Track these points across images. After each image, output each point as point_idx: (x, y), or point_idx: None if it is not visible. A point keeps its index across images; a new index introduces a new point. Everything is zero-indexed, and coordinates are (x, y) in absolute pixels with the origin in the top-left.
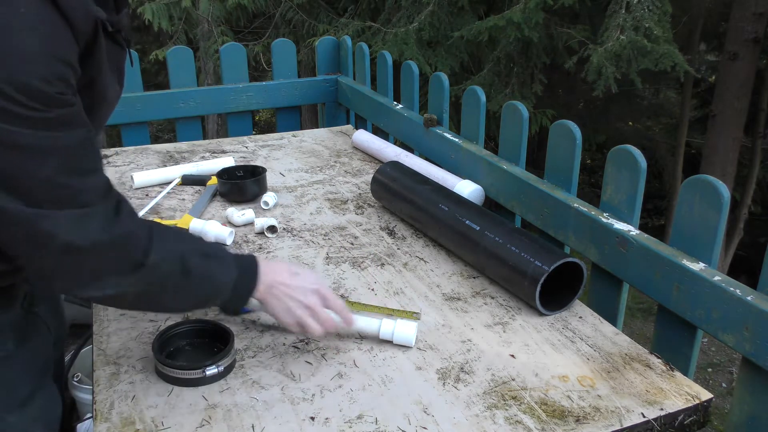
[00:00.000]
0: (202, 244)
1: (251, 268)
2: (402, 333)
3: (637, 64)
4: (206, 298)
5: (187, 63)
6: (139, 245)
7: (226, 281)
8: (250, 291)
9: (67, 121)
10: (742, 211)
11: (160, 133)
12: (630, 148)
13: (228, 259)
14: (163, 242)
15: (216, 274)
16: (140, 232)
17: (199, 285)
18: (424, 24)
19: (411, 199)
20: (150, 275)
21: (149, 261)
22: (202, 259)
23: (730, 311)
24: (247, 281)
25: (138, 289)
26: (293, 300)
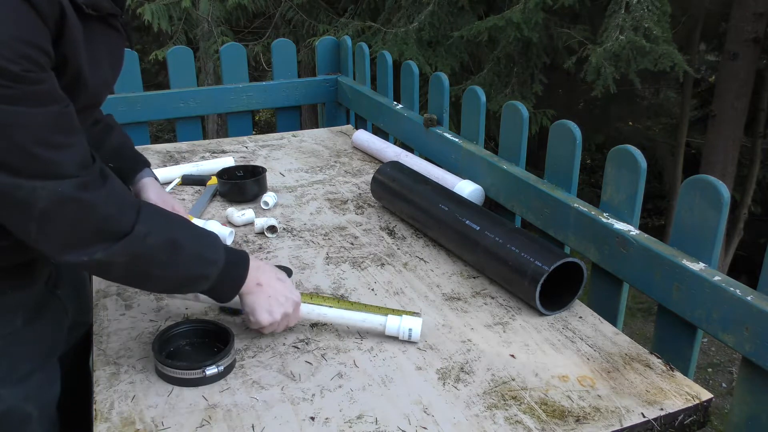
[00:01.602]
0: (193, 225)
1: (242, 258)
2: (409, 327)
3: (636, 64)
4: (194, 277)
5: (187, 63)
6: (124, 214)
7: (214, 261)
8: (239, 279)
9: (35, 97)
10: (742, 211)
11: (160, 133)
12: (630, 148)
13: (218, 243)
14: (152, 216)
15: (205, 253)
16: (126, 204)
17: (188, 261)
18: (424, 24)
19: (411, 199)
20: (136, 245)
21: (135, 231)
22: (192, 237)
23: (730, 311)
24: (237, 269)
25: (125, 258)
26: (277, 303)
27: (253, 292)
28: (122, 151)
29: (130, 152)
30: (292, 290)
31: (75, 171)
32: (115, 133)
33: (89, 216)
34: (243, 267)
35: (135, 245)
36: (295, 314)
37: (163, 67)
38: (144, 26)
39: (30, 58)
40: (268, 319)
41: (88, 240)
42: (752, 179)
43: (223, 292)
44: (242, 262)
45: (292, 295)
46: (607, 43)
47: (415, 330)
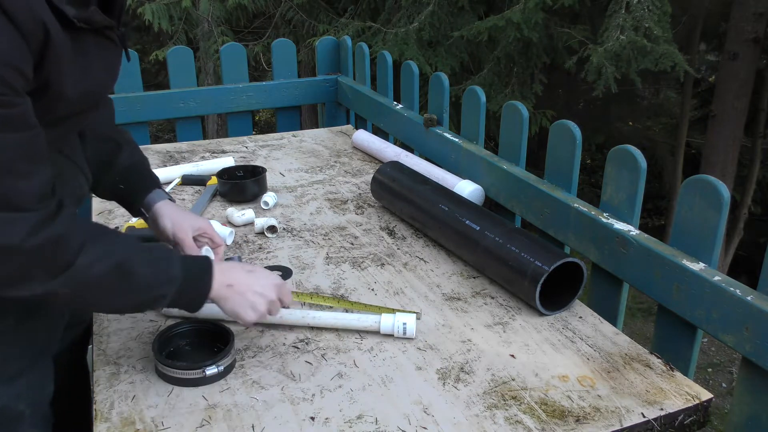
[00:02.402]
0: (145, 246)
1: (203, 268)
2: (403, 322)
3: (637, 64)
4: (149, 299)
5: (187, 63)
6: (68, 248)
7: (170, 279)
8: (203, 289)
9: (6, 121)
10: (742, 211)
11: (160, 133)
12: (630, 148)
13: (172, 260)
14: (98, 244)
15: (159, 275)
16: (72, 236)
17: (140, 285)
18: (424, 24)
19: (411, 199)
20: (79, 277)
21: (78, 263)
22: (144, 259)
23: (730, 311)
24: (199, 281)
25: (68, 289)
26: (256, 295)
27: (226, 296)
28: (131, 173)
29: (139, 173)
30: (267, 275)
31: (33, 204)
32: (125, 153)
33: (36, 252)
34: (205, 276)
35: (77, 278)
36: (283, 293)
37: (163, 67)
38: (144, 26)
39: (5, 82)
40: (254, 315)
41: (30, 275)
42: (752, 179)
43: (188, 305)
44: (204, 272)
45: (269, 280)
46: (607, 42)
47: (409, 325)
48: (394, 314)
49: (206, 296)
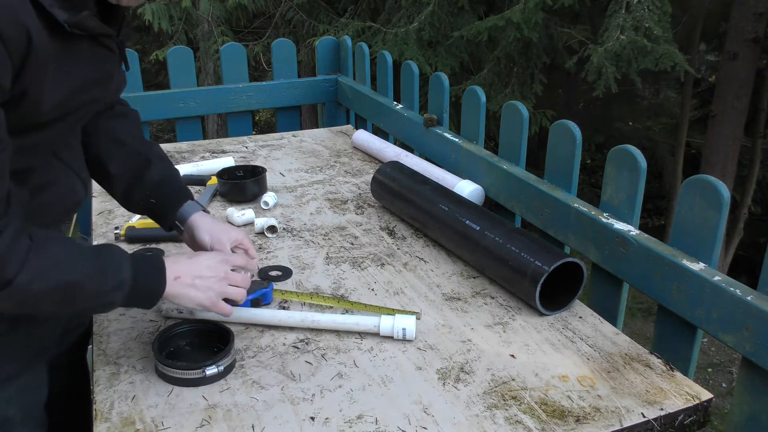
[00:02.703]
0: (92, 251)
1: (155, 267)
2: (402, 327)
3: (637, 64)
4: (97, 307)
5: (187, 63)
6: (7, 267)
7: (118, 285)
8: (155, 291)
9: None
10: (742, 211)
11: (160, 133)
12: (630, 148)
13: (122, 265)
14: (40, 259)
15: (106, 284)
16: (12, 253)
17: (86, 297)
18: (424, 24)
19: (411, 199)
20: (18, 294)
21: (17, 280)
22: (90, 270)
23: (730, 311)
24: (148, 282)
25: (10, 305)
26: (205, 280)
27: (177, 292)
28: (163, 186)
29: (171, 187)
30: (210, 255)
31: None
32: (156, 168)
33: None
34: (158, 276)
35: (17, 295)
36: (234, 262)
37: (163, 67)
38: (144, 26)
39: None
40: (210, 299)
41: None
42: (752, 179)
43: (140, 305)
44: (156, 271)
45: (213, 259)
46: (607, 42)
47: (408, 329)
48: (394, 316)
49: (159, 296)
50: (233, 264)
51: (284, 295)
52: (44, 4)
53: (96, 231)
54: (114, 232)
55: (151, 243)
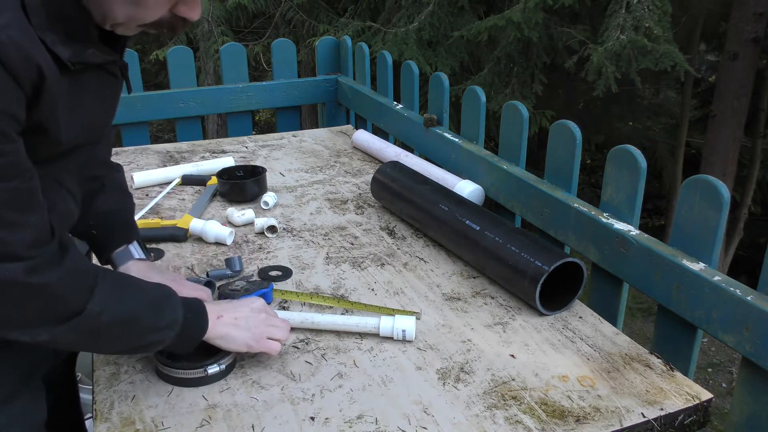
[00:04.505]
0: (150, 290)
1: (198, 309)
2: (402, 329)
3: (638, 63)
4: (146, 345)
5: (187, 63)
6: (77, 294)
7: (169, 325)
8: (199, 331)
9: None
10: (742, 211)
11: (160, 133)
12: (630, 148)
13: (175, 304)
14: (108, 292)
15: (159, 320)
16: (80, 282)
17: (143, 332)
18: (424, 24)
19: (411, 199)
20: (87, 325)
21: (87, 311)
22: (150, 307)
23: (730, 311)
24: (194, 323)
25: (73, 337)
26: (247, 318)
27: (220, 332)
28: (106, 220)
29: (115, 223)
30: (249, 301)
31: (25, 252)
32: (106, 197)
33: (35, 299)
34: (202, 317)
35: (85, 325)
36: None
37: (163, 67)
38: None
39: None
40: (254, 337)
41: (31, 322)
42: (752, 179)
43: (184, 345)
44: (200, 312)
45: (253, 303)
46: (608, 42)
47: (408, 330)
48: (393, 317)
49: (202, 336)
50: (270, 311)
51: (284, 295)
52: (47, 42)
53: None
54: None
55: (151, 243)
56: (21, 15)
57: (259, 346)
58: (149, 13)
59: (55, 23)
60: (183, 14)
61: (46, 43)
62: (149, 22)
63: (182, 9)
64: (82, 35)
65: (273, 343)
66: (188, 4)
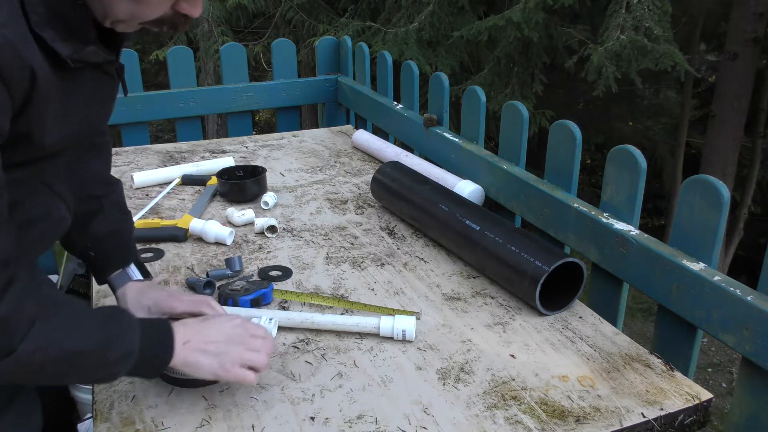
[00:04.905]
0: (102, 317)
1: (163, 334)
2: (402, 329)
3: (638, 63)
4: (99, 378)
5: (187, 63)
6: (12, 333)
7: (123, 357)
8: (162, 361)
9: None
10: (742, 211)
11: (160, 133)
12: (630, 148)
13: (132, 334)
14: (47, 330)
15: (109, 353)
16: (16, 319)
17: (88, 368)
18: (424, 24)
19: (411, 199)
20: (20, 363)
21: (21, 350)
22: (95, 339)
23: (730, 311)
24: (155, 352)
25: (7, 375)
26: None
27: (186, 359)
28: (105, 243)
29: (113, 246)
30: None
31: None
32: (104, 218)
33: None
34: (165, 342)
35: (18, 365)
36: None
37: (163, 67)
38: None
39: None
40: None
41: None
42: (752, 179)
43: (145, 375)
44: (164, 338)
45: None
46: (608, 42)
47: (408, 330)
48: (393, 317)
49: (166, 365)
50: (251, 332)
51: (284, 295)
52: (46, 39)
53: None
54: None
55: (151, 243)
56: (17, 12)
57: (229, 376)
58: (152, 10)
59: (55, 20)
60: (185, 11)
61: (46, 39)
62: (151, 19)
63: (184, 6)
64: (82, 33)
65: (246, 373)
66: (190, 1)
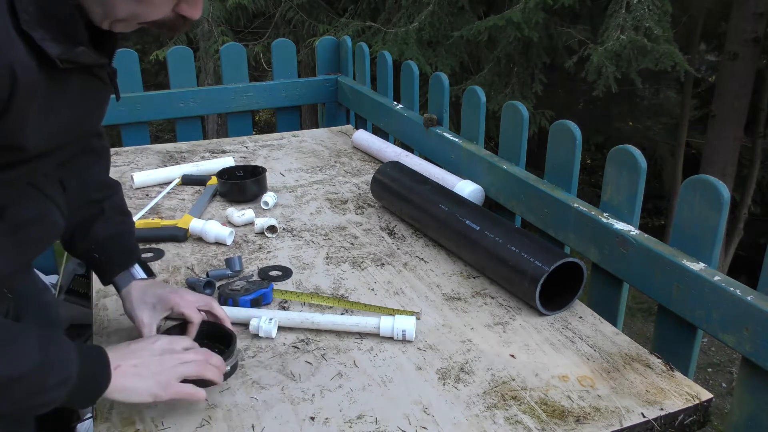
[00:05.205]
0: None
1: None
2: (402, 329)
3: (638, 63)
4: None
5: (187, 63)
6: None
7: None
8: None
9: None
10: (742, 211)
11: (160, 133)
12: (630, 148)
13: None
14: None
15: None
16: None
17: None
18: (424, 24)
19: (411, 199)
20: None
21: None
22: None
23: (730, 311)
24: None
25: None
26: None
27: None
28: (107, 245)
29: (115, 248)
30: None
31: None
32: (105, 222)
33: None
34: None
35: None
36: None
37: (163, 67)
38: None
39: None
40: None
41: None
42: (752, 179)
43: (81, 402)
44: (99, 363)
45: (151, 342)
46: (608, 42)
47: (408, 330)
48: (393, 317)
49: (102, 391)
50: (180, 345)
51: (284, 295)
52: (35, 38)
53: None
54: None
55: (151, 243)
56: (2, 11)
57: (169, 393)
58: (154, 11)
59: (46, 19)
60: (184, 13)
61: (35, 39)
62: (152, 20)
63: (184, 7)
64: (73, 34)
65: (190, 389)
66: (190, 3)
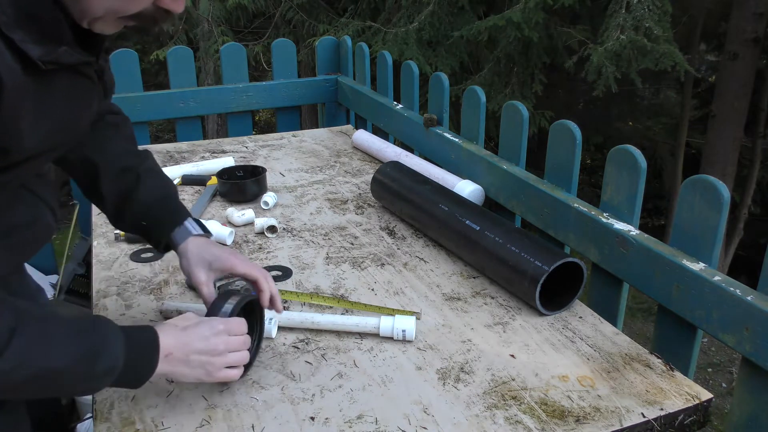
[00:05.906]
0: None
1: (146, 345)
2: (402, 329)
3: (638, 63)
4: (79, 391)
5: (187, 63)
6: None
7: (105, 372)
8: (146, 373)
9: None
10: (742, 211)
11: (160, 133)
12: (630, 148)
13: (115, 349)
14: (24, 344)
15: (91, 369)
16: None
17: (67, 385)
18: (424, 24)
19: (411, 199)
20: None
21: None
22: (82, 354)
23: (730, 311)
24: (139, 365)
25: None
26: (200, 354)
27: (169, 371)
28: (153, 208)
29: (163, 208)
30: (203, 327)
31: None
32: (145, 186)
33: None
34: (150, 355)
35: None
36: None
37: (163, 67)
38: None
39: None
40: (207, 374)
41: None
42: (752, 179)
43: (128, 386)
44: (149, 350)
45: (207, 330)
46: (608, 42)
47: (408, 330)
48: (393, 318)
49: (149, 377)
50: (232, 331)
51: (284, 295)
52: (15, 40)
53: (96, 231)
54: (114, 232)
55: None
56: None
57: (214, 379)
58: (131, 4)
59: (25, 21)
60: (166, 6)
61: (15, 41)
62: (131, 14)
63: (166, 1)
64: (55, 34)
65: (230, 372)
66: None
